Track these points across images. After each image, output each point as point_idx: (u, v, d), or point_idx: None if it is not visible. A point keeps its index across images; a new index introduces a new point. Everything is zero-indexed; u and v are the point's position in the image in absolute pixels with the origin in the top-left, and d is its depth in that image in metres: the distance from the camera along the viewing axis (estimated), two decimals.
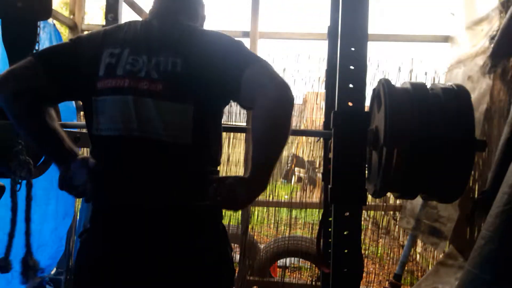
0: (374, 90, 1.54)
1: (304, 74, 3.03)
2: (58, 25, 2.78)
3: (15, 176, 1.20)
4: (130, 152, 1.04)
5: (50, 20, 2.54)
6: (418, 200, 2.57)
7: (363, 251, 3.12)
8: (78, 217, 2.80)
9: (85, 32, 3.04)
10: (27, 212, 1.22)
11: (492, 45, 2.22)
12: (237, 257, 3.03)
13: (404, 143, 1.27)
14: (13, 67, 1.01)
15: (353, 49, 1.16)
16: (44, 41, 2.27)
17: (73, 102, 2.42)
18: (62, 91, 1.06)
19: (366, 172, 1.49)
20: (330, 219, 1.28)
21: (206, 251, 1.06)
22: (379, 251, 3.22)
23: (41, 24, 2.15)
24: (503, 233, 1.16)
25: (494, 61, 2.10)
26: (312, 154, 3.12)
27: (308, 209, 3.06)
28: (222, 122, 1.18)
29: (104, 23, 1.86)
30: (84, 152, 2.37)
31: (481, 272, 1.17)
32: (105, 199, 1.06)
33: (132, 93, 1.01)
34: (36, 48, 1.31)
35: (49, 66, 1.03)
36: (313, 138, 3.01)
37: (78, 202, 2.91)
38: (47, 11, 1.21)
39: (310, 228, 3.08)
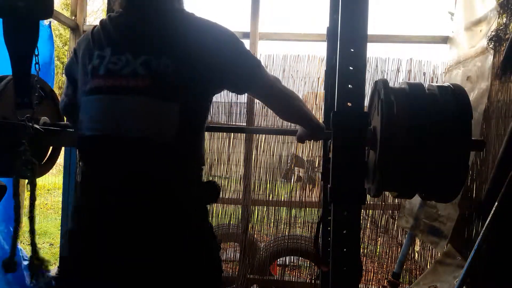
0: (372, 90, 1.56)
1: (303, 74, 3.05)
2: (59, 26, 2.79)
3: (18, 176, 1.20)
4: (111, 152, 1.03)
5: (46, 22, 2.56)
6: (417, 199, 2.59)
7: (362, 250, 3.14)
8: None
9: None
10: (31, 211, 1.22)
11: (491, 46, 2.24)
12: (237, 255, 3.04)
13: (401, 143, 1.29)
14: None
15: (352, 50, 1.17)
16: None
17: None
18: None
19: None
20: (329, 218, 1.30)
21: (192, 249, 1.05)
22: (378, 250, 3.24)
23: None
24: None
25: (507, 65, 2.10)
26: (312, 154, 3.13)
27: (307, 208, 3.08)
28: (223, 123, 1.20)
29: None
30: None
31: None
32: (89, 197, 1.06)
33: (112, 92, 1.01)
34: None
35: (69, 81, 1.22)
36: None
37: None
38: (48, 10, 1.21)
39: (310, 227, 3.10)
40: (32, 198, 1.20)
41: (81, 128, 1.07)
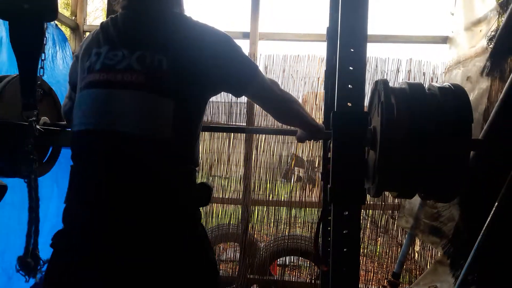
0: (372, 90, 1.56)
1: (303, 74, 3.05)
2: (59, 26, 2.79)
3: (27, 174, 1.20)
4: (104, 146, 1.00)
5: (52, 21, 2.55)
6: (417, 199, 2.58)
7: (362, 250, 3.14)
8: None
9: (87, 34, 3.08)
10: (37, 212, 1.21)
11: (491, 46, 2.24)
12: (237, 255, 3.05)
13: (401, 143, 1.29)
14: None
15: (352, 50, 1.17)
16: (48, 41, 2.28)
17: None
18: None
19: None
20: (329, 218, 1.30)
21: (184, 252, 1.04)
22: (378, 250, 3.24)
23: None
24: None
25: (493, 62, 2.11)
26: (312, 154, 3.13)
27: (307, 208, 3.08)
28: (223, 123, 1.20)
29: None
30: None
31: None
32: (76, 197, 1.04)
33: (106, 86, 1.01)
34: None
35: (71, 86, 1.24)
36: None
37: None
38: (53, 12, 1.22)
39: (309, 227, 3.10)
40: (36, 198, 1.20)
41: (75, 124, 1.06)
